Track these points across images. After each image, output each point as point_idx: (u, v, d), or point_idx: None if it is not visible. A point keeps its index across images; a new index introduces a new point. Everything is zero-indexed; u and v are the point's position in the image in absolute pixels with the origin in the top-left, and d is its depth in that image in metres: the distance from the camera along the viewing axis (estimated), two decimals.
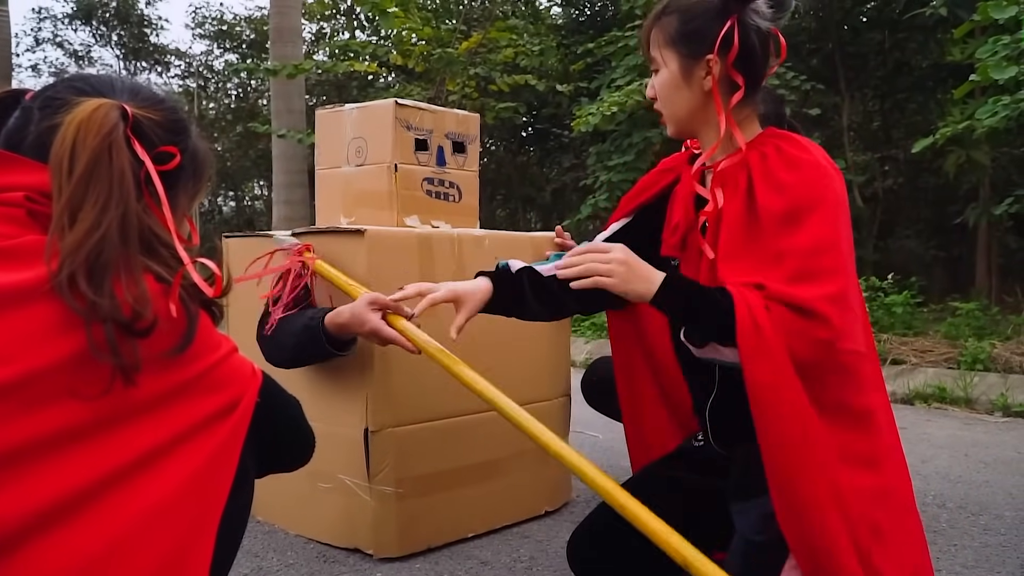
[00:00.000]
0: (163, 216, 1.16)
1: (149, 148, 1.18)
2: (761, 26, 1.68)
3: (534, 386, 2.63)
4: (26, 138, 1.16)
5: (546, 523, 2.63)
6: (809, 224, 1.56)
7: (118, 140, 1.11)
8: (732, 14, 1.66)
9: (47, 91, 1.20)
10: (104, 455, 1.00)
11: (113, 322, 1.01)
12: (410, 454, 2.32)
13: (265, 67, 9.60)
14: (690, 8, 1.71)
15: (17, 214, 1.07)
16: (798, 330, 1.49)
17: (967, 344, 5.61)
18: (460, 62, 8.65)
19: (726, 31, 1.65)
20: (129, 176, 1.10)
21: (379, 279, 2.23)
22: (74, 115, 1.10)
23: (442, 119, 2.59)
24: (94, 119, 1.10)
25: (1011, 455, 3.64)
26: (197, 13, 19.25)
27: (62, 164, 1.07)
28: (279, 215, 9.91)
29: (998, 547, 2.46)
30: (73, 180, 1.06)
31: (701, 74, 1.71)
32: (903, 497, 1.68)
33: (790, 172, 1.62)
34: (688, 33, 1.71)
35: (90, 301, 1.00)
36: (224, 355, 1.16)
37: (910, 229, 11.34)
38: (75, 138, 1.08)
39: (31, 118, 1.17)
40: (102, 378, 1.01)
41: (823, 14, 10.11)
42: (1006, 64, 5.15)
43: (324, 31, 17.17)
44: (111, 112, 1.12)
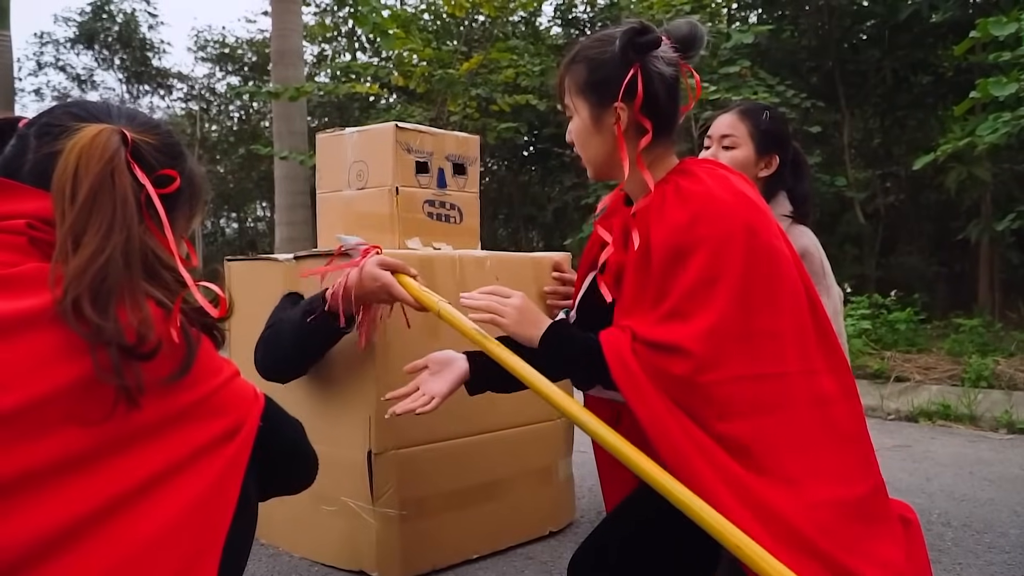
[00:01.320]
0: (164, 239, 1.17)
1: (148, 172, 1.19)
2: (665, 72, 1.73)
3: (537, 406, 2.62)
4: (24, 165, 1.16)
5: (550, 544, 2.63)
6: (691, 263, 1.63)
7: (120, 165, 1.12)
8: (634, 63, 1.72)
9: (43, 118, 1.21)
10: (106, 482, 1.01)
11: (117, 346, 1.02)
12: (413, 476, 2.32)
13: (267, 90, 9.65)
14: (596, 57, 1.77)
15: (18, 242, 1.08)
16: (657, 367, 1.60)
17: (971, 361, 5.60)
18: (461, 83, 8.68)
19: (629, 79, 1.71)
20: (132, 200, 1.12)
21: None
22: (75, 141, 1.11)
23: (442, 141, 2.60)
24: (96, 144, 1.11)
25: (1016, 472, 3.64)
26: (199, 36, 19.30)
27: (64, 190, 1.08)
28: (282, 237, 9.92)
29: (1003, 565, 2.45)
30: (76, 206, 1.07)
31: (611, 120, 1.77)
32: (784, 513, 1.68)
33: (681, 209, 1.68)
34: (595, 82, 1.77)
35: (95, 325, 1.01)
36: (226, 379, 1.17)
37: (912, 245, 11.33)
38: (77, 164, 1.09)
39: (28, 145, 1.18)
40: (105, 403, 1.01)
41: (823, 32, 10.14)
42: (1006, 80, 5.16)
43: (325, 53, 17.23)
44: (112, 137, 1.13)
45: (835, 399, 1.77)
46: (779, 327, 1.71)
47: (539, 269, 2.60)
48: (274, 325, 2.25)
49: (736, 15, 11.13)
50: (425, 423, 2.35)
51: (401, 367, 2.28)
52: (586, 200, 9.28)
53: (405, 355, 2.29)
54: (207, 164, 18.24)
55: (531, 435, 2.61)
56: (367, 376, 2.25)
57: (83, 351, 1.01)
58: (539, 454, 2.65)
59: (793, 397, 1.69)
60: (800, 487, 1.62)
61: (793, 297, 1.75)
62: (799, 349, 1.72)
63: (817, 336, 1.78)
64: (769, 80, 7.88)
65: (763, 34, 8.20)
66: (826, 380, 1.76)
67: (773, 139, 2.50)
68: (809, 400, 1.71)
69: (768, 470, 1.61)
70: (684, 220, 1.66)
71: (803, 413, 1.69)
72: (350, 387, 2.29)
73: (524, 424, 2.59)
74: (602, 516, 1.75)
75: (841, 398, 1.80)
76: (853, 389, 1.85)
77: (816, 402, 1.72)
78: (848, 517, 1.68)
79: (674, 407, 1.60)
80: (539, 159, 12.98)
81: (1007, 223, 7.00)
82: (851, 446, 1.77)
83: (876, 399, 5.32)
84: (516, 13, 11.24)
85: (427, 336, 2.35)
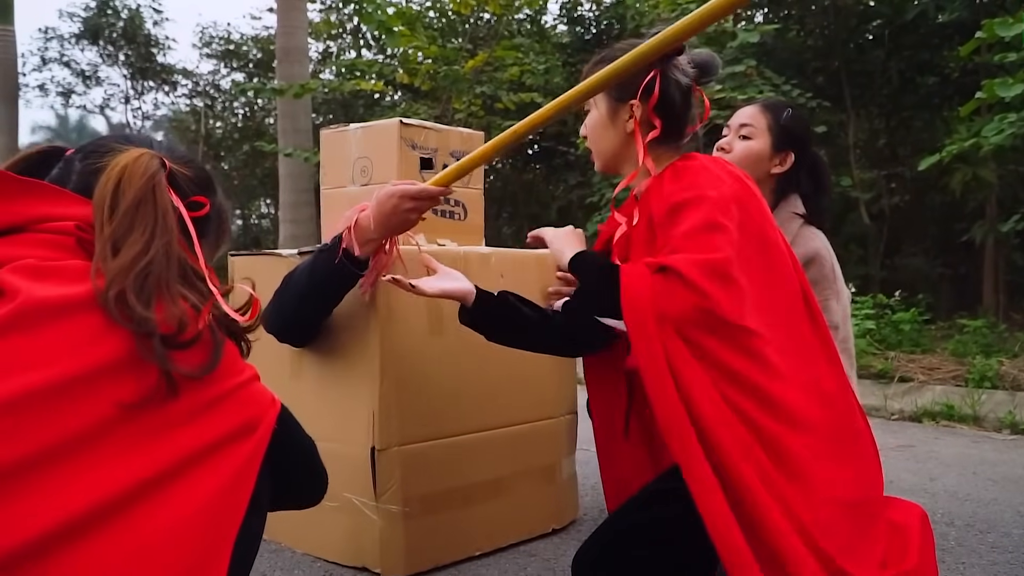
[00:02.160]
0: (195, 258, 1.23)
1: (182, 197, 1.28)
2: (681, 81, 1.91)
3: (540, 404, 2.63)
4: (68, 184, 1.23)
5: (553, 541, 2.63)
6: (686, 214, 1.74)
7: (160, 182, 1.20)
8: (655, 68, 1.87)
9: (89, 146, 1.30)
10: (131, 466, 1.03)
11: (159, 335, 1.07)
12: (417, 472, 2.32)
13: (272, 87, 9.66)
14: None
15: (67, 242, 1.14)
16: (664, 289, 1.65)
17: (975, 361, 5.59)
18: (466, 80, 8.68)
19: (648, 80, 1.88)
20: (172, 212, 1.19)
21: (386, 296, 2.24)
22: (118, 160, 1.19)
23: (447, 137, 2.60)
24: (139, 164, 1.19)
25: (1020, 473, 3.63)
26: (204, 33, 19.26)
27: (105, 201, 1.15)
28: (286, 233, 9.94)
29: (1006, 565, 2.45)
30: (117, 217, 1.14)
31: (625, 117, 1.96)
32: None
33: (678, 181, 1.83)
34: (618, 81, 1.86)
35: (139, 315, 1.06)
36: (247, 379, 1.20)
37: (917, 246, 11.32)
38: (120, 179, 1.17)
39: (73, 168, 1.27)
40: (145, 387, 1.05)
41: (828, 32, 10.12)
42: (1012, 82, 5.15)
43: (330, 50, 17.23)
44: (153, 160, 1.21)
45: (833, 393, 1.81)
46: (774, 301, 1.76)
47: (543, 267, 2.60)
48: (283, 281, 2.23)
49: (742, 14, 11.11)
50: (429, 420, 2.35)
51: (405, 363, 2.28)
52: (590, 199, 9.27)
53: (409, 352, 2.30)
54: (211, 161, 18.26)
55: (535, 433, 2.61)
56: (371, 372, 2.25)
57: (122, 337, 1.06)
58: (542, 452, 2.65)
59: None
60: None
61: (786, 281, 1.79)
62: (791, 332, 1.80)
63: (812, 327, 1.86)
64: (775, 80, 7.87)
65: (769, 33, 8.19)
66: (823, 368, 1.83)
67: (791, 137, 2.50)
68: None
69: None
70: (681, 185, 1.80)
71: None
72: (354, 383, 2.29)
73: (528, 422, 2.59)
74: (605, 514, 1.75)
75: (838, 393, 1.82)
76: (847, 384, 1.89)
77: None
78: (848, 517, 1.69)
79: (674, 337, 1.65)
80: (544, 157, 12.97)
81: (1012, 225, 6.99)
82: (847, 445, 1.79)
83: (880, 399, 5.32)
84: (521, 11, 11.22)
85: (431, 334, 2.35)
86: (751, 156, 2.47)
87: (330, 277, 2.13)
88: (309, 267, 2.15)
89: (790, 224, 2.45)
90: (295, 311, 2.23)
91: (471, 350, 2.43)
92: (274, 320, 2.24)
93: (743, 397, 1.64)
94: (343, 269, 2.09)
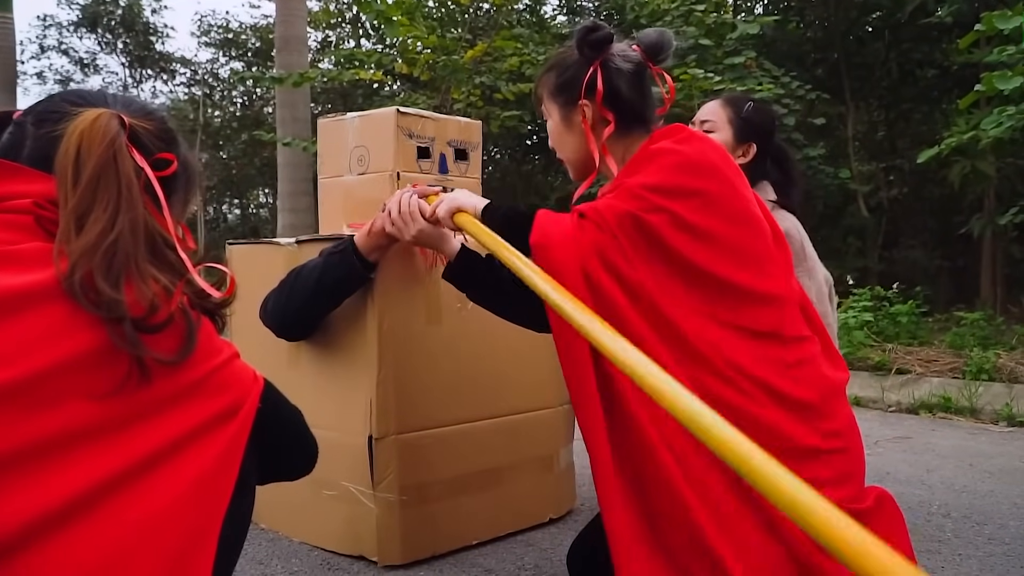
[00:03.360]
0: (163, 220, 1.18)
1: (146, 155, 1.20)
2: (624, 67, 1.85)
3: (538, 393, 2.63)
4: (22, 151, 1.16)
5: (550, 531, 2.63)
6: (655, 163, 1.71)
7: (121, 147, 1.13)
8: (593, 60, 1.85)
9: (39, 106, 1.22)
10: (112, 456, 1.00)
11: (130, 319, 1.02)
12: (414, 461, 2.32)
13: (270, 76, 9.63)
14: (562, 62, 1.92)
15: (25, 221, 1.08)
16: (579, 228, 1.65)
17: (972, 354, 5.61)
18: (465, 71, 8.65)
19: (589, 76, 1.84)
20: (135, 181, 1.12)
21: (383, 285, 2.24)
22: (75, 124, 1.12)
23: (444, 127, 2.59)
24: (96, 128, 1.11)
25: (1016, 465, 3.64)
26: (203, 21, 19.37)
27: (67, 172, 1.08)
28: (284, 223, 9.92)
29: (1003, 556, 2.45)
30: (80, 187, 1.07)
31: (578, 118, 1.90)
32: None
33: (639, 163, 1.77)
34: (562, 84, 1.90)
35: (108, 298, 1.01)
36: (225, 360, 1.16)
37: (915, 239, 11.33)
38: (79, 145, 1.09)
39: (26, 132, 1.18)
40: (116, 376, 1.02)
41: (828, 24, 10.12)
42: (1011, 75, 5.15)
43: (329, 40, 17.20)
44: (111, 120, 1.14)
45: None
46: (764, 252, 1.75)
47: None
48: (287, 277, 2.25)
49: (742, 5, 11.11)
50: (427, 409, 2.35)
51: (402, 352, 2.28)
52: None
53: (407, 341, 2.30)
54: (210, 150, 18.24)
55: (533, 422, 2.61)
56: (368, 361, 2.25)
57: (91, 324, 1.01)
58: (540, 441, 2.65)
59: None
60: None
61: (765, 242, 1.75)
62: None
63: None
64: (774, 71, 7.87)
65: (768, 25, 8.18)
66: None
67: (752, 129, 2.54)
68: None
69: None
70: (641, 164, 1.76)
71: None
72: (351, 372, 2.29)
73: (526, 411, 2.60)
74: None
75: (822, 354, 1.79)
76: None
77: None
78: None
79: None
80: (542, 148, 12.96)
81: (1010, 217, 7.00)
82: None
83: (877, 391, 5.32)
84: (521, 1, 11.22)
85: (430, 323, 2.35)
86: None
87: (342, 279, 2.18)
88: (320, 268, 2.18)
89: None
90: (299, 310, 2.25)
91: (469, 339, 2.44)
92: (275, 317, 2.28)
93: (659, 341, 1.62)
94: (357, 271, 2.15)
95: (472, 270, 2.04)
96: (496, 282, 2.07)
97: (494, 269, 2.08)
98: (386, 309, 2.25)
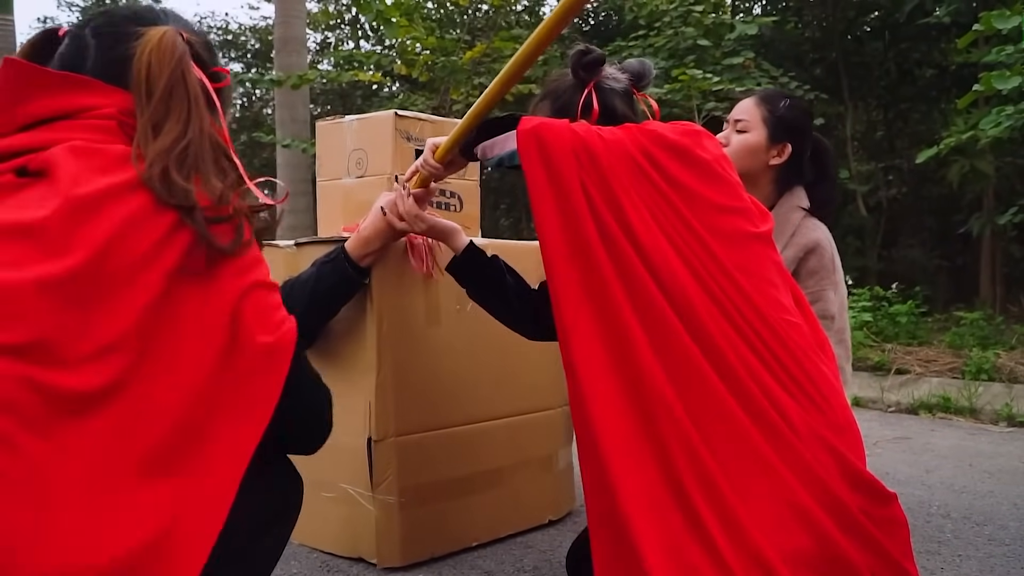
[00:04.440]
0: (220, 130, 1.30)
1: (204, 69, 1.33)
2: (616, 87, 1.93)
3: (537, 394, 2.63)
4: (86, 63, 1.29)
5: (550, 532, 2.63)
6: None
7: (188, 64, 1.26)
8: (587, 83, 1.91)
9: (99, 19, 1.34)
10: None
11: (199, 207, 1.15)
12: (413, 463, 2.32)
13: (270, 77, 9.62)
14: (555, 90, 1.98)
15: (110, 125, 1.22)
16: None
17: (971, 354, 5.61)
18: (464, 71, 8.66)
19: (584, 98, 1.90)
20: (201, 95, 1.26)
21: (382, 287, 2.24)
22: (144, 44, 1.24)
23: (442, 129, 2.59)
24: (164, 47, 1.24)
25: (1016, 465, 3.64)
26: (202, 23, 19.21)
27: (142, 87, 1.22)
28: (283, 223, 9.88)
29: (1002, 557, 2.45)
30: (154, 100, 1.21)
31: None
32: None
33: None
34: (558, 110, 1.93)
35: (181, 188, 1.14)
36: (265, 279, 1.29)
37: (914, 239, 11.33)
38: (149, 63, 1.23)
39: (87, 44, 1.30)
40: (186, 255, 1.14)
41: (826, 24, 10.12)
42: (1009, 74, 5.15)
43: (329, 41, 17.18)
44: (176, 39, 1.26)
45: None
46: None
47: (540, 258, 2.59)
48: (281, 291, 2.24)
49: (740, 6, 11.11)
50: (426, 411, 2.35)
51: (402, 355, 2.28)
52: None
53: (406, 343, 2.30)
54: None
55: (531, 424, 2.61)
56: (367, 363, 2.25)
57: (166, 211, 1.13)
58: (539, 443, 2.65)
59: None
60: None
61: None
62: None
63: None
64: (772, 71, 7.87)
65: (767, 25, 8.19)
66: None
67: (787, 127, 2.48)
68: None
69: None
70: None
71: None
72: (350, 373, 2.29)
73: (524, 413, 2.59)
74: None
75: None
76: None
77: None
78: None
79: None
80: None
81: (1009, 217, 7.00)
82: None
83: (877, 391, 5.32)
84: (520, 2, 11.22)
85: (429, 325, 2.35)
86: (747, 149, 2.46)
87: (336, 287, 2.19)
88: (314, 278, 2.18)
89: (791, 216, 2.44)
90: (305, 310, 2.24)
91: (468, 341, 2.44)
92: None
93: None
94: (351, 278, 2.17)
95: (476, 266, 2.09)
96: (498, 282, 2.09)
97: (498, 269, 2.10)
98: (385, 311, 2.25)
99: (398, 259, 2.28)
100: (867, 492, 1.60)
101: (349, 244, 2.16)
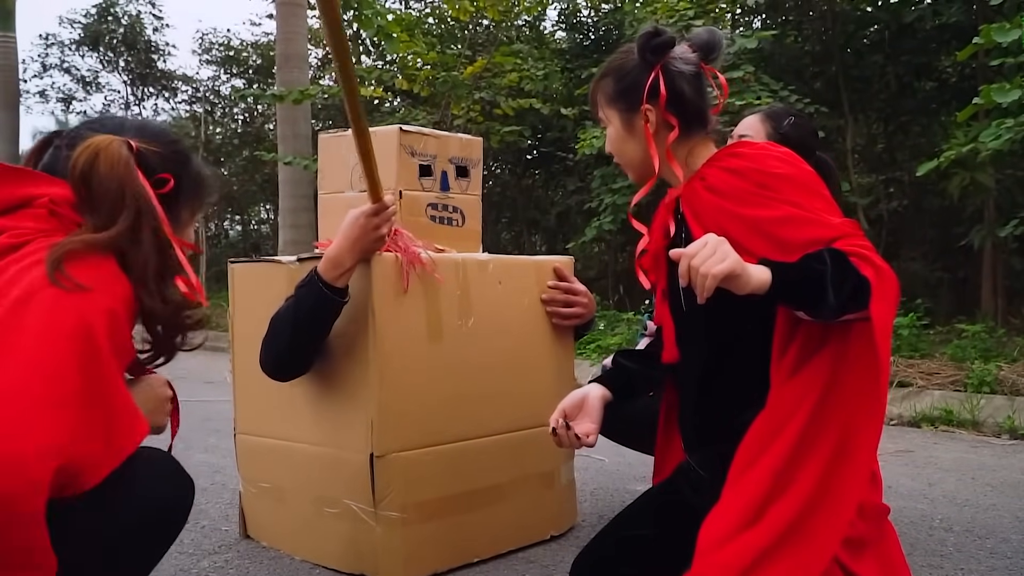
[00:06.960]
0: (164, 230, 1.51)
1: (149, 175, 1.52)
2: (685, 70, 1.82)
3: (539, 409, 2.62)
4: (57, 166, 1.52)
5: (552, 548, 2.63)
6: (774, 193, 1.68)
7: (131, 166, 1.47)
8: (654, 65, 1.81)
9: (72, 132, 1.57)
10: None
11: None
12: (416, 479, 2.32)
13: (271, 93, 9.66)
14: (621, 67, 1.89)
15: (40, 213, 1.43)
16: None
17: (973, 366, 5.60)
18: (465, 86, 8.69)
19: (652, 81, 1.81)
20: (143, 198, 1.48)
21: (385, 303, 2.24)
22: (87, 145, 1.45)
23: (446, 144, 2.60)
24: (110, 151, 1.45)
25: (1018, 478, 3.63)
26: (204, 39, 19.26)
27: (77, 184, 1.44)
28: (285, 239, 9.94)
29: (1005, 571, 2.45)
30: (90, 197, 1.44)
31: (641, 123, 1.85)
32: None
33: (734, 160, 1.77)
34: (622, 90, 1.87)
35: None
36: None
37: (915, 251, 11.32)
38: (89, 161, 1.43)
39: (61, 153, 1.53)
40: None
41: (826, 37, 10.14)
42: (1009, 87, 5.16)
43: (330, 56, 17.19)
44: (121, 147, 1.47)
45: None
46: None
47: (541, 273, 2.61)
48: (270, 324, 2.28)
49: (740, 20, 11.13)
50: (428, 426, 2.35)
51: (402, 371, 2.29)
52: (589, 204, 9.28)
53: (407, 359, 2.30)
54: (211, 167, 18.21)
55: (533, 439, 2.60)
56: (369, 378, 2.26)
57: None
58: (541, 458, 2.65)
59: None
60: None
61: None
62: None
63: None
64: (773, 85, 7.88)
65: (767, 39, 8.20)
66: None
67: (791, 144, 2.46)
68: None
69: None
70: (741, 166, 1.74)
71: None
72: (352, 390, 2.30)
73: (526, 428, 2.59)
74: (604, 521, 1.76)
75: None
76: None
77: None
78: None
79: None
80: (542, 163, 12.98)
81: (1010, 229, 6.99)
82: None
83: None
84: (520, 17, 11.25)
85: (430, 340, 2.35)
86: None
87: (316, 309, 2.21)
88: (294, 304, 2.22)
89: None
90: (288, 348, 2.29)
91: (469, 357, 2.44)
92: (269, 361, 2.32)
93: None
94: (328, 299, 2.19)
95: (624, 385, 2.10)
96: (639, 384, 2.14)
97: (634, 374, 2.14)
98: (386, 327, 2.26)
99: (398, 275, 2.28)
100: None
101: (321, 266, 2.18)
